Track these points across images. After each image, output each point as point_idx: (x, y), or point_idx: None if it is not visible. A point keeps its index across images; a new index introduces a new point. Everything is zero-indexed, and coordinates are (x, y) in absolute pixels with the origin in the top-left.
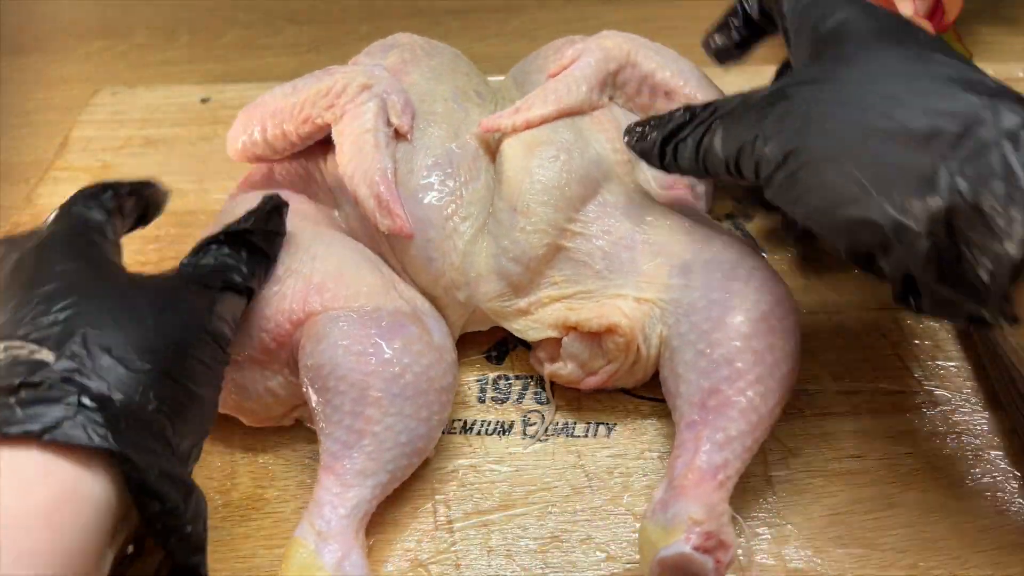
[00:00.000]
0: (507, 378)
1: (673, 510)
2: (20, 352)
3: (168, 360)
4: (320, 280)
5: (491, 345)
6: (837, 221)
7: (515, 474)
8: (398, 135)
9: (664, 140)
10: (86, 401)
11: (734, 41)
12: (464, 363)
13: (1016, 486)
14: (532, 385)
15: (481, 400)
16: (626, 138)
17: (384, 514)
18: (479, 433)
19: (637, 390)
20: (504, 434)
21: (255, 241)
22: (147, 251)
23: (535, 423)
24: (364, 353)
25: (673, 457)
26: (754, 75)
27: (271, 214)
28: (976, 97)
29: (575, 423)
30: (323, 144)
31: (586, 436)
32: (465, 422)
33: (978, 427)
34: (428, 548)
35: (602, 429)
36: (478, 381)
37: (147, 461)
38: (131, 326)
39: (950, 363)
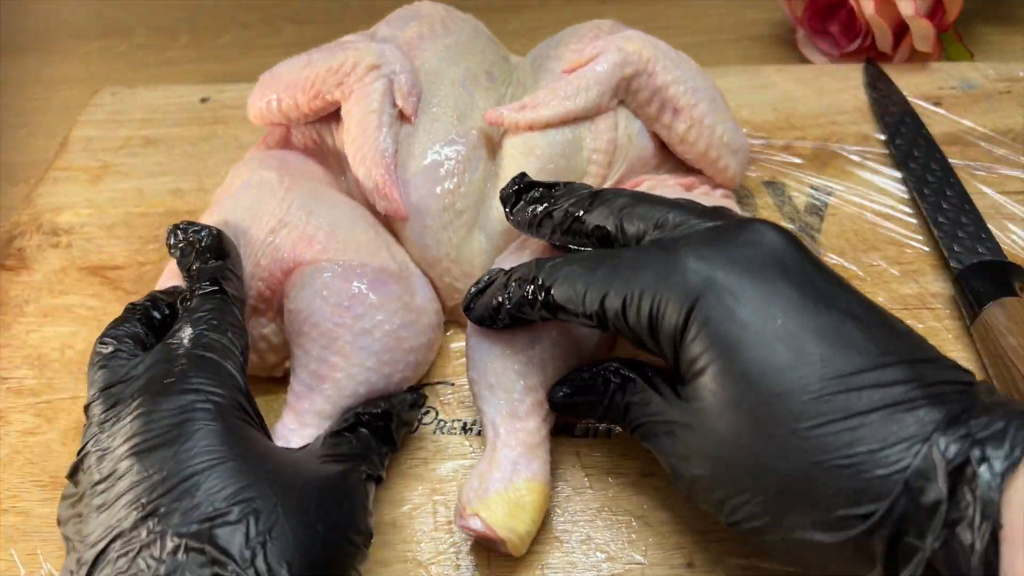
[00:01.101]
0: None
1: None
2: (200, 558)
3: None
4: (312, 232)
5: None
6: None
7: None
8: (403, 117)
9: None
10: None
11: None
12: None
13: None
14: None
15: None
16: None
17: (384, 514)
18: (479, 433)
19: None
20: None
21: (391, 429)
22: (147, 251)
23: None
24: (339, 304)
25: None
26: (754, 75)
27: (413, 407)
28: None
29: (575, 423)
30: (335, 111)
31: (586, 436)
32: (465, 423)
33: None
34: (428, 548)
35: (602, 429)
36: None
37: None
38: (304, 533)
39: None
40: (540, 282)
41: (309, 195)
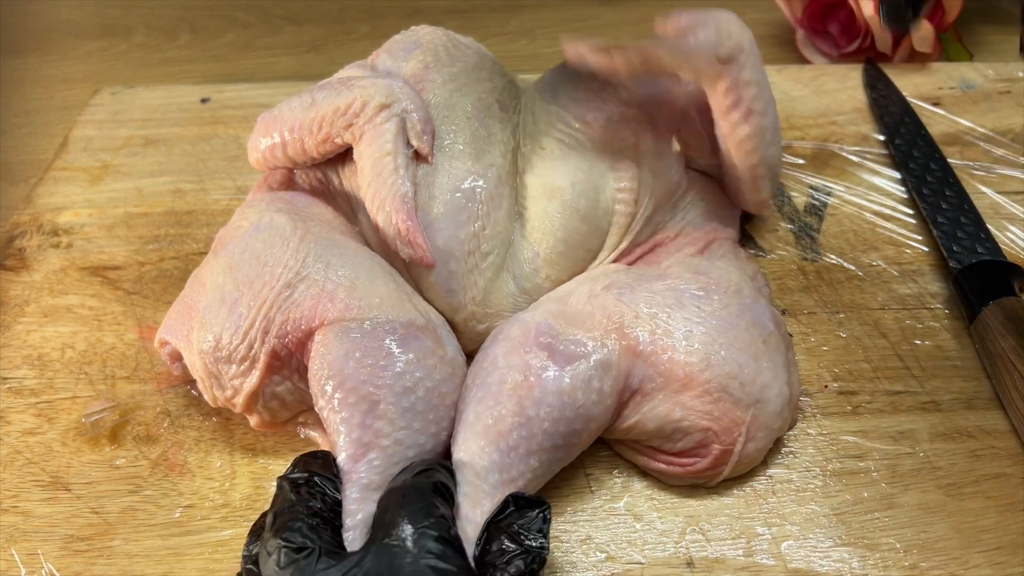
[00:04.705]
0: None
1: None
2: None
3: None
4: (333, 288)
5: None
6: None
7: None
8: (418, 156)
9: None
10: None
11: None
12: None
13: (1016, 486)
14: None
15: None
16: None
17: None
18: None
19: None
20: None
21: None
22: (147, 251)
23: None
24: (376, 365)
25: None
26: None
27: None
28: None
29: None
30: (343, 152)
31: None
32: None
33: (978, 427)
34: None
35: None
36: None
37: None
38: None
39: (950, 363)
40: None
41: (325, 245)
